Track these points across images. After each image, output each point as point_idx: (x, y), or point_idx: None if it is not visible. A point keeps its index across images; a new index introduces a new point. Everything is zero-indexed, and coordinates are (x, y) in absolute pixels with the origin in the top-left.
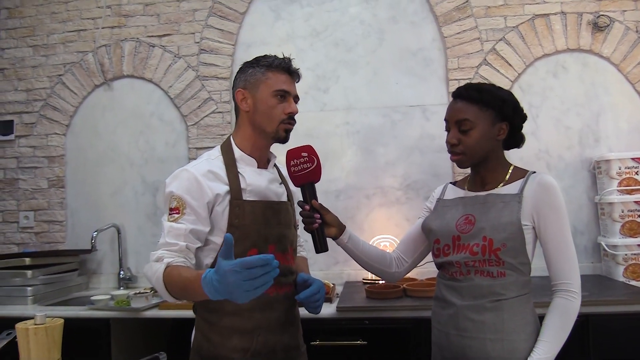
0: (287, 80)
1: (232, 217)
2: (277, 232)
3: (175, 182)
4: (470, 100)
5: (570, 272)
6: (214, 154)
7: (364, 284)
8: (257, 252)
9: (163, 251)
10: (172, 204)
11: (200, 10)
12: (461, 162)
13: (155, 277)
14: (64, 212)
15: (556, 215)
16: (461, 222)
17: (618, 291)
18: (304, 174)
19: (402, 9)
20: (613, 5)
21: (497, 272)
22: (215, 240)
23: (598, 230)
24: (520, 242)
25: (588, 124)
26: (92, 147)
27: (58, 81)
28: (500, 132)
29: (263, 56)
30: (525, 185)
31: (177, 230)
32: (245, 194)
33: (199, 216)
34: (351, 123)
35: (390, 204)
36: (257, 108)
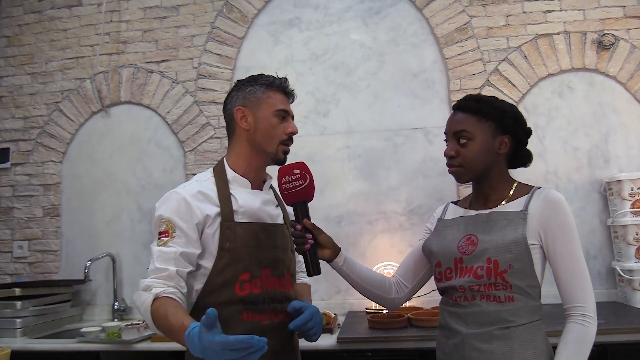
0: (285, 100)
1: (223, 240)
2: (272, 256)
3: (164, 205)
4: (469, 111)
5: (584, 293)
6: (205, 175)
7: (367, 314)
8: (250, 277)
9: (152, 279)
10: (161, 227)
11: (198, 36)
12: (459, 175)
13: (143, 308)
14: (59, 241)
15: (565, 232)
16: (463, 243)
17: (637, 318)
18: (296, 191)
19: (403, 31)
20: (617, 24)
21: (504, 297)
22: (206, 265)
23: (612, 254)
24: (528, 262)
25: (597, 144)
26: (89, 175)
27: (55, 108)
28: (502, 146)
29: (259, 75)
30: (530, 201)
31: (166, 254)
32: (237, 215)
33: (189, 238)
34: (352, 147)
35: (393, 230)
36: (258, 127)
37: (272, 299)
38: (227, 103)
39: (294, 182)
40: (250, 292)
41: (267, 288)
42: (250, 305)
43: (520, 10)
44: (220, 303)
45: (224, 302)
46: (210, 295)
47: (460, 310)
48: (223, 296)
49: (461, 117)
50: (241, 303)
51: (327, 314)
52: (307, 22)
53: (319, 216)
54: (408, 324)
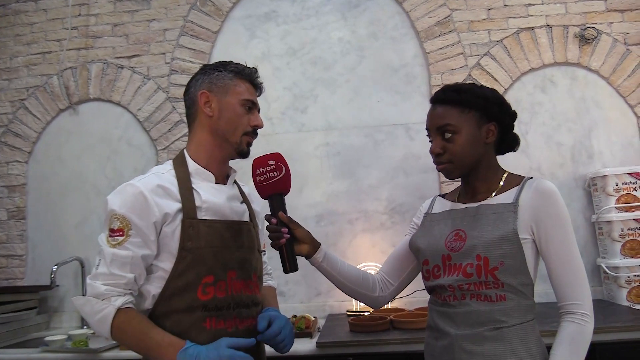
0: (253, 91)
1: (185, 239)
2: (238, 257)
3: (118, 199)
4: (450, 103)
5: (579, 290)
6: (164, 167)
7: (348, 316)
8: (214, 280)
9: (108, 286)
10: (114, 224)
11: (171, 30)
12: (449, 172)
13: (97, 318)
14: (24, 245)
15: (558, 224)
16: (451, 239)
17: (623, 316)
18: (271, 183)
19: (382, 25)
20: (599, 18)
21: (495, 296)
22: (164, 267)
23: (597, 251)
24: (520, 258)
25: (580, 139)
26: (56, 175)
27: (20, 106)
28: (489, 135)
29: (228, 62)
30: (521, 192)
31: (122, 258)
32: (201, 212)
33: (146, 239)
34: (331, 144)
35: (374, 230)
36: (223, 114)
37: (237, 303)
38: (191, 86)
39: (269, 174)
40: (214, 297)
41: (232, 292)
42: (214, 311)
43: (502, 4)
44: (181, 309)
45: (185, 308)
46: (170, 301)
47: (449, 310)
48: (184, 302)
49: (443, 111)
50: (204, 309)
51: (307, 317)
52: (284, 16)
53: (297, 216)
54: (391, 327)
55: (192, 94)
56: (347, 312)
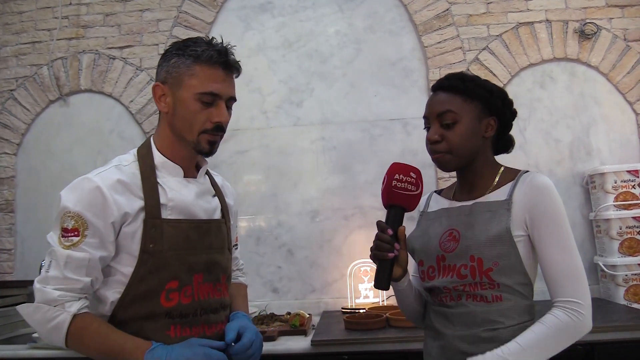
0: (220, 77)
1: (146, 241)
2: (206, 259)
3: (73, 195)
4: (453, 91)
5: (577, 287)
6: (127, 159)
7: (343, 314)
8: (178, 285)
9: (61, 292)
10: (68, 223)
11: (164, 21)
12: (445, 163)
13: (50, 326)
14: (13, 239)
15: (552, 219)
16: (445, 239)
17: (621, 315)
18: (405, 195)
19: (380, 18)
20: (599, 13)
21: (492, 296)
22: (124, 270)
23: (594, 249)
24: (515, 258)
25: (579, 136)
26: (46, 168)
27: (9, 96)
28: (488, 129)
29: (193, 41)
30: (515, 188)
31: (78, 261)
32: (166, 210)
33: (103, 239)
34: (327, 138)
35: (370, 226)
36: (177, 111)
37: (205, 309)
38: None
39: (406, 184)
40: (178, 303)
41: (199, 297)
42: (179, 318)
43: None
44: (142, 316)
45: (147, 315)
46: (130, 308)
47: (446, 310)
48: (145, 308)
49: (445, 97)
50: (167, 316)
51: (301, 314)
52: (280, 7)
53: (292, 212)
54: (387, 325)
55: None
56: (342, 309)
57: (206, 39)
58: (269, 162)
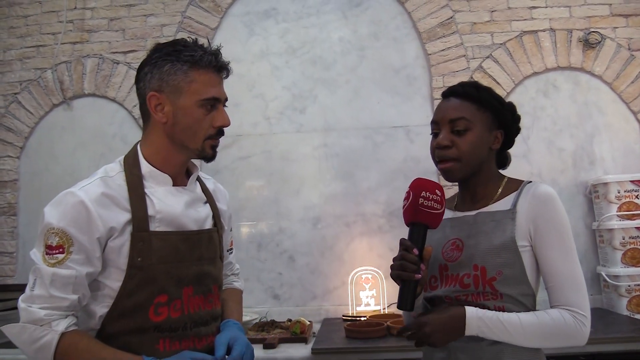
0: (216, 81)
1: (134, 255)
2: (196, 271)
3: (57, 211)
4: (467, 98)
5: (579, 298)
6: (113, 168)
7: (344, 321)
8: (167, 299)
9: (47, 310)
10: (52, 240)
11: (168, 26)
12: (453, 171)
13: (37, 346)
14: (15, 242)
15: (554, 229)
16: (447, 248)
17: (624, 327)
18: (430, 213)
19: (384, 25)
20: (603, 22)
21: (494, 307)
22: (111, 285)
23: (597, 259)
24: (519, 267)
25: (582, 145)
26: (48, 171)
27: (13, 100)
28: (496, 141)
29: (182, 44)
30: (519, 198)
31: (64, 279)
32: (154, 223)
33: (89, 255)
34: (330, 145)
35: (372, 233)
36: (178, 120)
37: (195, 322)
38: (140, 79)
39: (432, 202)
40: (167, 318)
41: (189, 310)
42: (168, 332)
43: (505, 6)
44: (130, 330)
45: (135, 329)
46: (118, 322)
47: None
48: (133, 323)
49: (458, 104)
50: (156, 330)
51: (302, 321)
52: (284, 14)
53: (294, 218)
54: (387, 333)
55: (141, 89)
56: (343, 316)
57: (192, 41)
58: (272, 168)
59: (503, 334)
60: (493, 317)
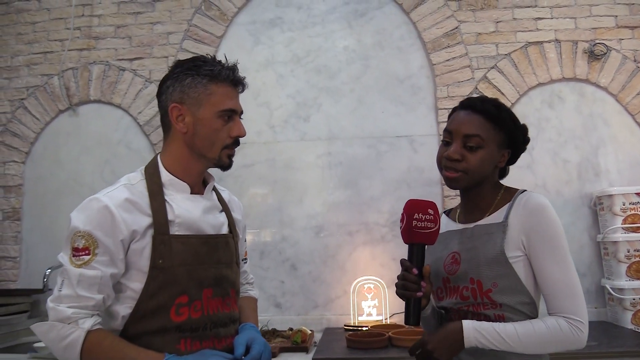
0: (233, 94)
1: (156, 257)
2: (215, 274)
3: (83, 215)
4: (486, 116)
5: (576, 305)
6: (135, 177)
7: (346, 331)
8: (188, 300)
9: (75, 309)
10: (79, 242)
11: (174, 34)
12: (457, 181)
13: (65, 344)
14: (18, 247)
15: (547, 239)
16: (448, 261)
17: (628, 340)
18: (425, 233)
19: (388, 35)
20: (609, 34)
21: (494, 316)
22: (134, 287)
23: (601, 272)
24: (514, 278)
25: (587, 157)
26: (53, 177)
27: (20, 105)
28: (502, 159)
29: (202, 60)
30: (511, 209)
31: (90, 279)
32: (173, 227)
33: (114, 257)
34: (333, 154)
35: (375, 242)
36: (198, 130)
37: (214, 323)
38: (162, 92)
39: (426, 223)
40: (188, 318)
41: (208, 311)
42: (189, 332)
43: (511, 17)
44: (153, 331)
45: (157, 329)
46: (141, 322)
47: None
48: (155, 323)
49: (477, 120)
50: (178, 331)
51: (303, 330)
52: (290, 23)
53: (297, 226)
54: (389, 344)
55: (163, 102)
56: (345, 326)
57: (211, 57)
58: (275, 176)
59: (501, 344)
60: (489, 328)
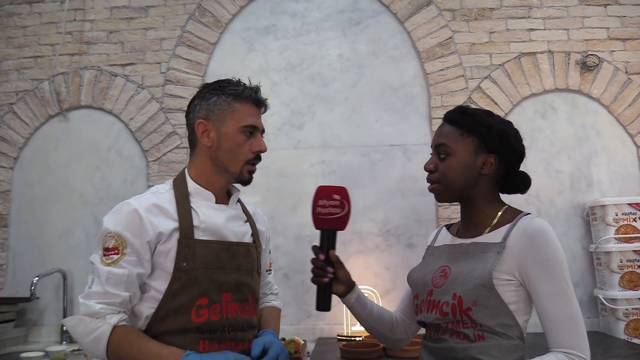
0: (255, 112)
1: (180, 259)
2: (235, 279)
3: (114, 218)
4: (453, 124)
5: (577, 339)
6: (164, 187)
7: (339, 341)
8: (208, 302)
9: (103, 305)
10: (109, 242)
11: (167, 39)
12: (437, 193)
13: (92, 337)
14: (5, 254)
15: (547, 269)
16: (437, 274)
17: (621, 351)
18: (330, 219)
19: (383, 44)
20: (601, 45)
21: (474, 335)
22: (157, 287)
23: (594, 282)
24: (495, 300)
25: (579, 167)
26: (42, 183)
27: (9, 110)
28: (486, 165)
29: (227, 81)
30: (512, 231)
31: (118, 277)
32: (198, 232)
33: (141, 257)
34: (327, 162)
35: (368, 252)
36: (222, 144)
37: (233, 327)
38: (190, 111)
39: (331, 208)
40: (207, 319)
41: (227, 315)
42: (208, 333)
43: (504, 27)
44: (174, 331)
45: (178, 329)
46: (163, 322)
47: (431, 345)
48: (177, 323)
49: (445, 130)
50: (197, 331)
51: (296, 340)
52: (284, 30)
53: (290, 235)
54: (383, 354)
55: (191, 120)
56: (338, 336)
57: (236, 80)
58: (268, 184)
59: None
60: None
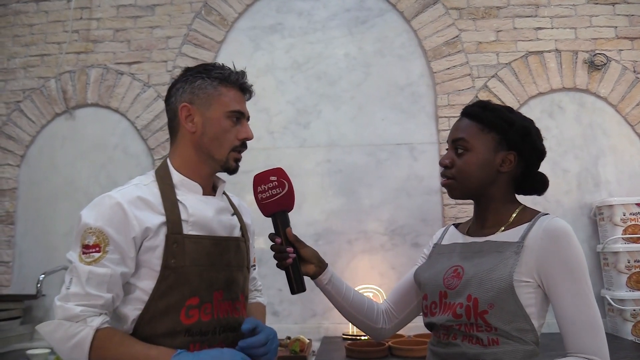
0: (241, 98)
1: (168, 257)
2: (225, 277)
3: (94, 212)
4: (472, 118)
5: (597, 344)
6: (146, 178)
7: (344, 340)
8: (199, 302)
9: (83, 307)
10: (89, 239)
11: (174, 38)
12: (450, 188)
13: (73, 343)
14: (11, 251)
15: (568, 270)
16: (449, 275)
17: (628, 352)
18: (274, 200)
19: (389, 42)
20: (609, 44)
21: (487, 339)
22: (143, 287)
23: (601, 282)
24: (514, 303)
25: (587, 167)
26: (48, 181)
27: (15, 108)
28: (505, 163)
29: (212, 65)
30: (530, 231)
31: (100, 277)
32: (187, 226)
33: (124, 255)
34: (333, 161)
35: (374, 251)
36: (207, 130)
37: (224, 327)
38: (171, 95)
39: (271, 191)
40: (198, 320)
41: (218, 315)
42: (198, 336)
43: (511, 26)
44: (161, 334)
45: (166, 332)
46: (149, 325)
47: (440, 350)
48: (165, 325)
49: (464, 124)
50: (187, 334)
51: (301, 339)
52: (290, 29)
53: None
54: (389, 354)
55: (172, 104)
56: (343, 335)
57: (219, 64)
58: None
59: None
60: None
